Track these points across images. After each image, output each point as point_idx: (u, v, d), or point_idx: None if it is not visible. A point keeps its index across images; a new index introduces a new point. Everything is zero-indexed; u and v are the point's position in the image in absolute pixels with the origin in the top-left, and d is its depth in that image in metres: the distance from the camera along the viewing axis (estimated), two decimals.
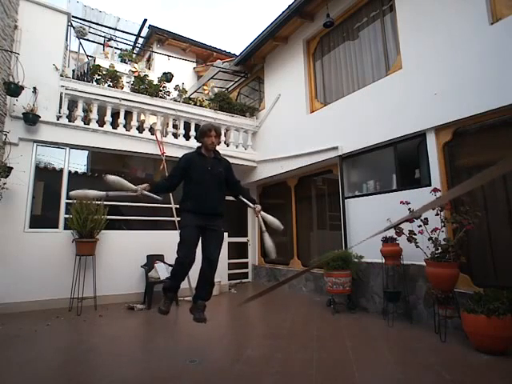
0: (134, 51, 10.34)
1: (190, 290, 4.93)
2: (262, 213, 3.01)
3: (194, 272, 2.99)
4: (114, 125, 6.24)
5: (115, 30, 9.31)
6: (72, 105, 6.16)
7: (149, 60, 11.15)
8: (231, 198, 3.25)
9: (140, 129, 6.52)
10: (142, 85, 6.68)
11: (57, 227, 5.42)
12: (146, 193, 2.84)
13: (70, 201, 5.26)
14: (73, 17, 6.78)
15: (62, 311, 4.85)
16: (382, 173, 5.28)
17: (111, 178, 2.72)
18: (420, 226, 3.72)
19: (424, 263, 3.77)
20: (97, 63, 6.96)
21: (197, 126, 7.26)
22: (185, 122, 7.07)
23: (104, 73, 6.41)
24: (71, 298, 4.89)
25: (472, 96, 3.94)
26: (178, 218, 3.77)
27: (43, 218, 5.62)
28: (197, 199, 2.87)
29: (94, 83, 6.29)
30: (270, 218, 2.99)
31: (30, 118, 5.16)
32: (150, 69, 10.49)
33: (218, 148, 3.23)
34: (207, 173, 2.91)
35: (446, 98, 4.20)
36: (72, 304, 4.89)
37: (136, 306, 5.10)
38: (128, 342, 3.75)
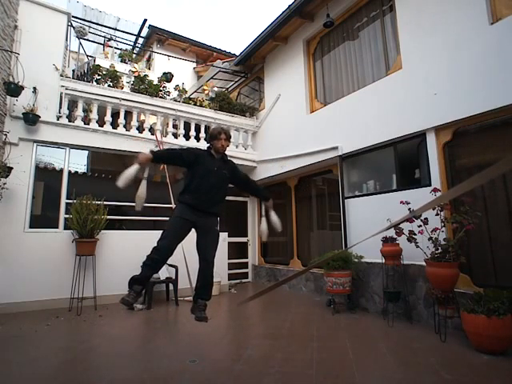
0: (134, 51, 10.34)
1: (190, 289, 4.93)
2: (271, 212, 3.26)
3: (194, 272, 2.99)
4: (114, 125, 6.24)
5: (115, 29, 9.30)
6: (72, 105, 6.16)
7: (149, 60, 11.15)
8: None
9: (140, 129, 6.53)
10: (141, 85, 6.68)
11: (57, 227, 5.42)
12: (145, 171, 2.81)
13: (70, 201, 5.27)
14: (73, 17, 6.78)
15: (62, 311, 4.86)
16: (382, 173, 5.28)
17: (141, 195, 2.79)
18: (420, 225, 3.72)
19: (424, 263, 3.77)
20: (97, 63, 6.97)
21: (197, 126, 7.28)
22: (185, 122, 7.07)
23: (104, 73, 6.41)
24: (71, 298, 4.89)
25: (472, 96, 3.93)
26: None
27: (43, 217, 5.61)
28: (197, 195, 2.89)
29: (94, 83, 6.28)
30: (274, 218, 3.25)
31: (30, 118, 5.17)
32: (150, 69, 10.49)
33: None
34: (213, 173, 2.96)
35: (446, 98, 4.20)
36: (72, 304, 4.90)
37: (136, 306, 5.10)
38: (128, 341, 3.75)
